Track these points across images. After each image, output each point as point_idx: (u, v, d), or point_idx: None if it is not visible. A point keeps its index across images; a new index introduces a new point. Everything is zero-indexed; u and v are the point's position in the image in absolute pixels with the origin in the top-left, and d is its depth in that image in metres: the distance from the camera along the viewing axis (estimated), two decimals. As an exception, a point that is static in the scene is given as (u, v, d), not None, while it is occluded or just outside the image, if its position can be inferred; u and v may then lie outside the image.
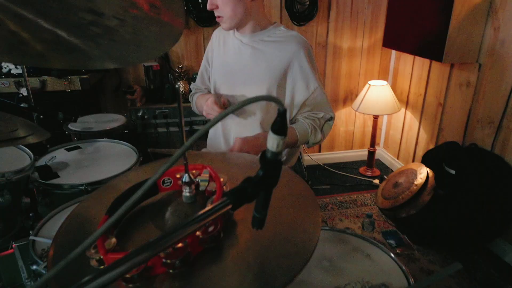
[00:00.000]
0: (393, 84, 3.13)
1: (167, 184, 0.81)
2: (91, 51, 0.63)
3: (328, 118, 1.46)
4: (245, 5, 1.34)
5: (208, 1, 1.34)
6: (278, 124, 0.45)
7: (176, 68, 2.77)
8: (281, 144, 0.48)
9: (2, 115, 0.84)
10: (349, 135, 3.36)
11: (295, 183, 0.89)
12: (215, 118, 0.44)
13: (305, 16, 2.80)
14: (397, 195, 2.54)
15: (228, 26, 1.39)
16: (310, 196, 0.84)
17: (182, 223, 0.45)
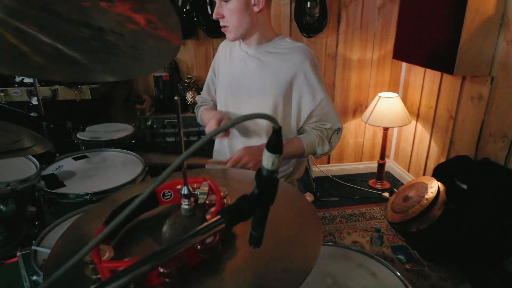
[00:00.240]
0: (404, 96, 3.10)
1: (168, 197, 0.80)
2: (91, 64, 0.63)
3: (336, 129, 1.44)
4: (251, 16, 1.33)
5: (214, 10, 1.34)
6: (273, 142, 0.44)
7: (185, 79, 2.79)
8: (276, 162, 0.46)
9: (7, 125, 0.84)
10: (358, 146, 3.33)
11: (296, 198, 0.87)
12: (208, 135, 0.43)
13: (314, 28, 2.80)
14: (407, 209, 2.49)
15: (233, 37, 1.39)
16: (311, 211, 0.82)
17: (172, 243, 0.44)
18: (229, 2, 1.30)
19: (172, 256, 0.46)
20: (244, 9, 1.30)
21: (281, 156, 0.46)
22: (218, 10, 1.33)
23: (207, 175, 0.98)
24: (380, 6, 2.88)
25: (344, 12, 2.86)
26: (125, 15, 0.48)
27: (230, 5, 1.30)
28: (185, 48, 2.78)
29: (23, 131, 0.87)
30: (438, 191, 2.41)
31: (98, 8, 0.49)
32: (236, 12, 1.31)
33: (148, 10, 0.47)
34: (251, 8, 1.32)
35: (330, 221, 2.64)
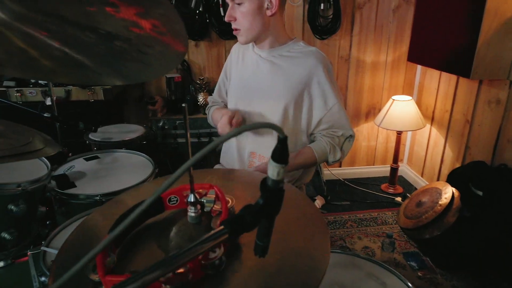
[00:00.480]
0: (418, 99, 3.04)
1: (174, 202, 0.80)
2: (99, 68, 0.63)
3: (347, 136, 1.42)
4: (263, 20, 1.32)
5: (226, 13, 1.34)
6: (279, 152, 0.43)
7: (197, 80, 2.79)
8: (282, 172, 0.45)
9: (17, 127, 0.85)
10: (371, 150, 3.28)
11: (304, 205, 0.85)
12: (214, 142, 0.42)
13: (327, 29, 2.77)
14: (420, 215, 2.44)
15: (245, 40, 1.38)
16: (320, 220, 0.80)
17: (174, 254, 0.43)
18: (241, 5, 1.29)
19: (174, 267, 0.45)
20: (257, 12, 1.29)
21: (286, 166, 0.45)
22: (230, 12, 1.32)
23: (214, 177, 0.97)
24: (395, 8, 2.84)
25: (358, 13, 2.83)
26: (131, 20, 0.47)
27: (243, 8, 1.29)
28: (198, 49, 2.79)
29: (33, 133, 0.87)
30: (452, 197, 2.35)
31: (104, 13, 0.48)
32: (248, 15, 1.30)
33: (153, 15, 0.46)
34: (263, 12, 1.31)
35: (340, 226, 2.61)
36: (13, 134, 0.81)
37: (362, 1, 2.80)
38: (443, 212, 2.33)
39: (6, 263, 1.29)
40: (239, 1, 1.28)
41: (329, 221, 2.65)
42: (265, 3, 1.29)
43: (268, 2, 1.29)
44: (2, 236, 1.11)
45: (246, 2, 1.28)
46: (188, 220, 0.74)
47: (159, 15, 0.45)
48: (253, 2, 1.28)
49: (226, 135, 0.40)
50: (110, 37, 0.55)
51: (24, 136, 0.81)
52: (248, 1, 1.28)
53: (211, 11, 2.59)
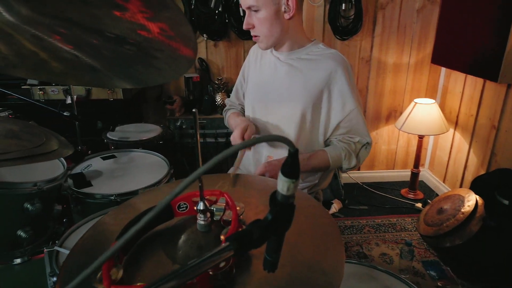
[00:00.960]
0: (442, 103, 2.94)
1: (183, 209, 0.78)
2: (109, 71, 0.62)
3: (364, 143, 1.37)
4: (282, 24, 1.29)
5: (244, 20, 1.31)
6: (289, 166, 0.40)
7: (215, 80, 2.79)
8: (292, 187, 0.42)
9: (32, 128, 0.85)
10: (391, 154, 3.20)
11: (318, 214, 0.82)
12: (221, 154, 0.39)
13: (348, 30, 2.72)
14: (441, 222, 2.36)
15: (265, 46, 1.35)
16: (334, 231, 0.77)
17: (178, 270, 0.41)
18: (258, 12, 1.26)
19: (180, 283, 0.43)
20: (274, 17, 1.27)
21: (297, 181, 0.42)
22: (248, 20, 1.30)
23: (226, 182, 0.94)
24: (419, 8, 2.75)
25: (381, 14, 2.76)
26: (139, 23, 0.46)
27: (260, 15, 1.26)
28: (216, 49, 2.78)
29: (48, 133, 0.87)
30: (476, 205, 2.27)
31: (111, 16, 0.47)
32: (266, 21, 1.27)
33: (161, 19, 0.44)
34: (281, 16, 1.28)
35: (358, 231, 2.55)
36: (27, 135, 0.81)
37: (385, 1, 2.72)
38: (465, 221, 2.24)
39: (23, 260, 1.32)
40: (255, 8, 1.25)
41: (346, 226, 2.60)
42: (282, 7, 1.26)
43: (285, 5, 1.26)
44: (18, 234, 1.13)
45: (263, 8, 1.25)
46: (198, 228, 0.72)
47: (167, 18, 0.43)
48: (270, 7, 1.25)
49: (234, 147, 0.38)
50: (119, 41, 0.54)
51: (38, 137, 0.81)
52: (264, 7, 1.24)
53: (231, 11, 2.58)
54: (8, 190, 1.05)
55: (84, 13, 0.48)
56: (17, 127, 0.85)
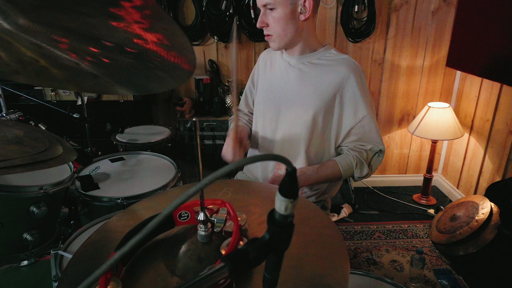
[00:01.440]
0: (457, 107, 2.87)
1: (184, 218, 0.77)
2: (108, 78, 0.61)
3: (377, 151, 1.34)
4: (296, 25, 1.27)
5: (258, 18, 1.29)
6: (286, 186, 0.38)
7: (225, 82, 2.78)
8: (290, 207, 0.40)
9: (36, 132, 0.85)
10: (403, 158, 3.14)
11: (324, 225, 0.80)
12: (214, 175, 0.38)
13: (361, 32, 2.67)
14: (454, 230, 2.30)
15: (278, 46, 1.32)
16: (339, 243, 0.74)
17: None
18: (274, 10, 1.24)
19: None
20: (290, 17, 1.24)
21: (296, 200, 0.40)
22: (262, 18, 1.27)
23: (230, 189, 0.93)
24: (435, 10, 2.69)
25: (394, 16, 2.71)
26: (135, 33, 0.44)
27: (275, 14, 1.24)
28: (227, 51, 2.77)
29: (53, 138, 0.87)
30: (490, 212, 2.21)
31: (107, 25, 0.45)
32: (281, 20, 1.24)
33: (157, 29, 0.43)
34: (297, 17, 1.25)
35: (368, 236, 2.51)
36: (31, 140, 0.81)
37: (399, 3, 2.67)
38: (479, 229, 2.18)
39: (30, 262, 1.32)
40: (271, 6, 1.23)
41: (356, 231, 2.56)
42: (299, 8, 1.24)
43: (302, 6, 1.24)
44: (24, 237, 1.13)
45: (279, 7, 1.22)
46: (198, 239, 0.70)
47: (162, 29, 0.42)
48: (287, 7, 1.22)
49: (232, 165, 0.36)
50: (117, 49, 0.53)
51: (42, 142, 0.81)
52: (281, 6, 1.22)
53: (241, 13, 2.56)
54: (14, 193, 1.05)
55: (81, 22, 0.47)
56: (22, 132, 0.84)
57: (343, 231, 2.56)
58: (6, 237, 1.11)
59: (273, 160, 0.37)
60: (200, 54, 2.77)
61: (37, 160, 0.70)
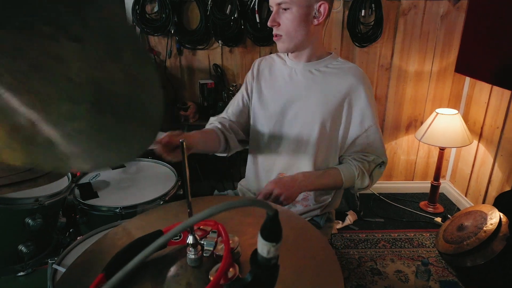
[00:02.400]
0: (465, 113, 2.81)
1: (176, 238, 0.74)
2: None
3: (379, 163, 1.31)
4: (307, 28, 1.23)
5: (270, 17, 1.24)
6: (268, 229, 0.35)
7: (230, 86, 2.75)
8: (273, 250, 0.37)
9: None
10: (410, 164, 3.09)
11: (318, 247, 0.76)
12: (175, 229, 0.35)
13: (368, 37, 2.63)
14: (462, 240, 2.25)
15: (286, 47, 1.28)
16: (334, 267, 0.71)
17: None
18: (288, 10, 1.20)
19: None
20: (303, 19, 1.21)
21: (278, 244, 0.37)
22: (274, 17, 1.23)
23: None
24: (444, 14, 2.64)
25: (402, 20, 2.66)
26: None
27: (289, 14, 1.20)
28: (232, 55, 2.75)
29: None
30: (499, 223, 2.15)
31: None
32: (294, 21, 1.21)
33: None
34: (310, 20, 1.22)
35: (372, 245, 2.46)
36: (22, 155, 0.79)
37: (407, 7, 2.62)
38: (487, 240, 2.13)
39: (27, 272, 1.31)
40: (286, 6, 1.20)
41: (360, 239, 2.52)
42: (313, 12, 1.21)
43: (317, 10, 1.20)
44: (19, 249, 1.12)
45: (294, 7, 1.19)
46: (188, 263, 0.68)
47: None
48: (302, 8, 1.19)
49: (183, 225, 0.33)
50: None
51: (33, 157, 0.79)
52: (296, 7, 1.19)
53: (246, 17, 2.54)
54: (9, 205, 1.04)
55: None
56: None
57: (348, 239, 2.52)
58: (1, 249, 1.10)
59: (254, 206, 0.34)
60: (204, 58, 2.75)
61: (25, 178, 0.68)
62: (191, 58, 2.76)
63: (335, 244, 2.47)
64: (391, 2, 2.60)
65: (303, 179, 1.25)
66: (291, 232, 0.79)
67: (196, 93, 2.83)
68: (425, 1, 2.61)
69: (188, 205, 0.65)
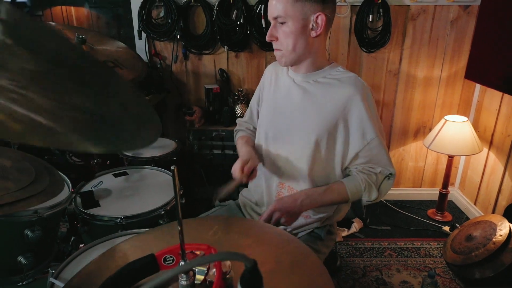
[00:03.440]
0: (475, 120, 2.75)
1: (169, 262, 0.73)
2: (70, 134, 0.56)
3: (387, 174, 1.27)
4: (306, 40, 1.21)
5: (268, 32, 1.24)
6: (247, 280, 0.34)
7: (236, 91, 2.74)
8: (253, 300, 0.36)
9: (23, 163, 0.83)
10: (418, 171, 3.04)
11: (316, 274, 0.74)
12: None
13: (375, 42, 2.59)
14: (470, 251, 2.20)
15: (285, 61, 1.27)
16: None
17: None
18: (284, 24, 1.19)
19: None
20: (300, 32, 1.19)
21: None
22: (272, 31, 1.23)
23: (221, 227, 0.88)
24: (454, 19, 2.59)
25: (411, 25, 2.61)
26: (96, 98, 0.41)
27: (286, 28, 1.19)
28: (238, 60, 2.73)
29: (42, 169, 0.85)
30: (509, 234, 2.10)
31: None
32: (291, 35, 1.19)
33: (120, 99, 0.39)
34: (308, 33, 1.20)
35: (378, 254, 2.42)
36: (17, 172, 0.78)
37: (416, 12, 2.58)
38: (497, 251, 2.08)
39: (28, 281, 1.31)
40: (282, 20, 1.19)
41: (366, 248, 2.48)
42: (310, 24, 1.19)
43: (314, 22, 1.18)
44: (18, 260, 1.12)
45: (290, 21, 1.18)
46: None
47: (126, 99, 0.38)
48: (298, 21, 1.17)
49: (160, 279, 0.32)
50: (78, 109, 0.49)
51: (28, 175, 0.79)
52: (292, 20, 1.17)
53: (252, 22, 2.52)
54: (8, 217, 1.04)
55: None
56: (10, 161, 0.82)
57: (353, 247, 2.49)
58: (0, 260, 1.10)
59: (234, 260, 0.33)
60: (210, 63, 2.74)
61: (18, 198, 0.67)
62: (196, 63, 2.75)
63: (340, 252, 2.44)
64: (400, 7, 2.56)
65: (305, 197, 1.23)
66: (287, 257, 0.77)
67: (202, 98, 2.82)
68: (435, 6, 2.56)
69: (179, 232, 0.63)
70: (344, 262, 2.35)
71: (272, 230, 0.96)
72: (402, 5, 2.56)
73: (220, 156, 2.72)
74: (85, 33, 1.89)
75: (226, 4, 2.50)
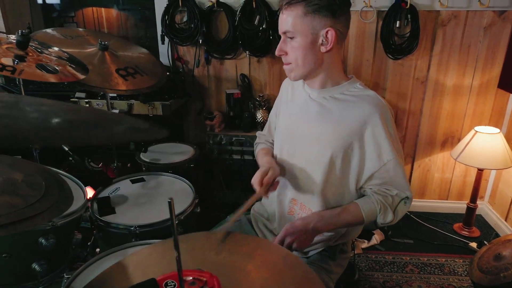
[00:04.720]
0: (509, 132, 2.61)
1: (171, 287, 0.71)
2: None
3: (403, 197, 1.22)
4: (316, 56, 1.18)
5: (277, 46, 1.23)
6: None
7: (257, 97, 2.72)
8: None
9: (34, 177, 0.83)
10: (445, 183, 2.91)
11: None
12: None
13: (402, 49, 2.50)
14: (498, 271, 2.09)
15: (295, 76, 1.25)
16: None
17: None
18: (294, 39, 1.17)
19: None
20: (310, 47, 1.16)
21: None
22: (281, 46, 1.22)
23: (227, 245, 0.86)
24: (487, 25, 2.46)
25: (441, 31, 2.50)
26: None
27: (295, 43, 1.17)
28: (260, 65, 2.71)
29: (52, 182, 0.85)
30: (542, 256, 1.97)
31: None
32: (300, 50, 1.17)
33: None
34: (317, 48, 1.17)
35: (399, 269, 2.34)
36: (27, 187, 0.79)
37: (447, 18, 2.47)
38: (527, 274, 1.96)
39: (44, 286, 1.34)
40: (291, 34, 1.17)
41: (386, 261, 2.40)
42: (320, 39, 1.15)
43: (323, 37, 1.15)
44: (32, 267, 1.14)
45: (299, 36, 1.15)
46: (178, 319, 0.64)
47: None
48: (307, 36, 1.15)
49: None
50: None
51: (38, 190, 0.79)
52: (300, 35, 1.15)
53: (275, 27, 2.48)
54: (22, 226, 1.06)
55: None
56: (22, 174, 0.83)
57: (373, 260, 2.41)
58: (15, 267, 1.12)
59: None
60: (232, 68, 2.73)
61: (24, 216, 0.67)
62: (218, 68, 2.75)
63: (359, 265, 2.37)
64: (429, 13, 2.46)
65: (318, 220, 1.19)
66: (292, 282, 0.74)
67: (223, 103, 2.81)
68: (467, 11, 2.44)
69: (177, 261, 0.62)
70: (362, 276, 2.28)
71: (279, 251, 0.93)
72: (431, 11, 2.45)
73: (239, 162, 2.71)
74: (109, 39, 1.91)
75: (248, 9, 2.48)
